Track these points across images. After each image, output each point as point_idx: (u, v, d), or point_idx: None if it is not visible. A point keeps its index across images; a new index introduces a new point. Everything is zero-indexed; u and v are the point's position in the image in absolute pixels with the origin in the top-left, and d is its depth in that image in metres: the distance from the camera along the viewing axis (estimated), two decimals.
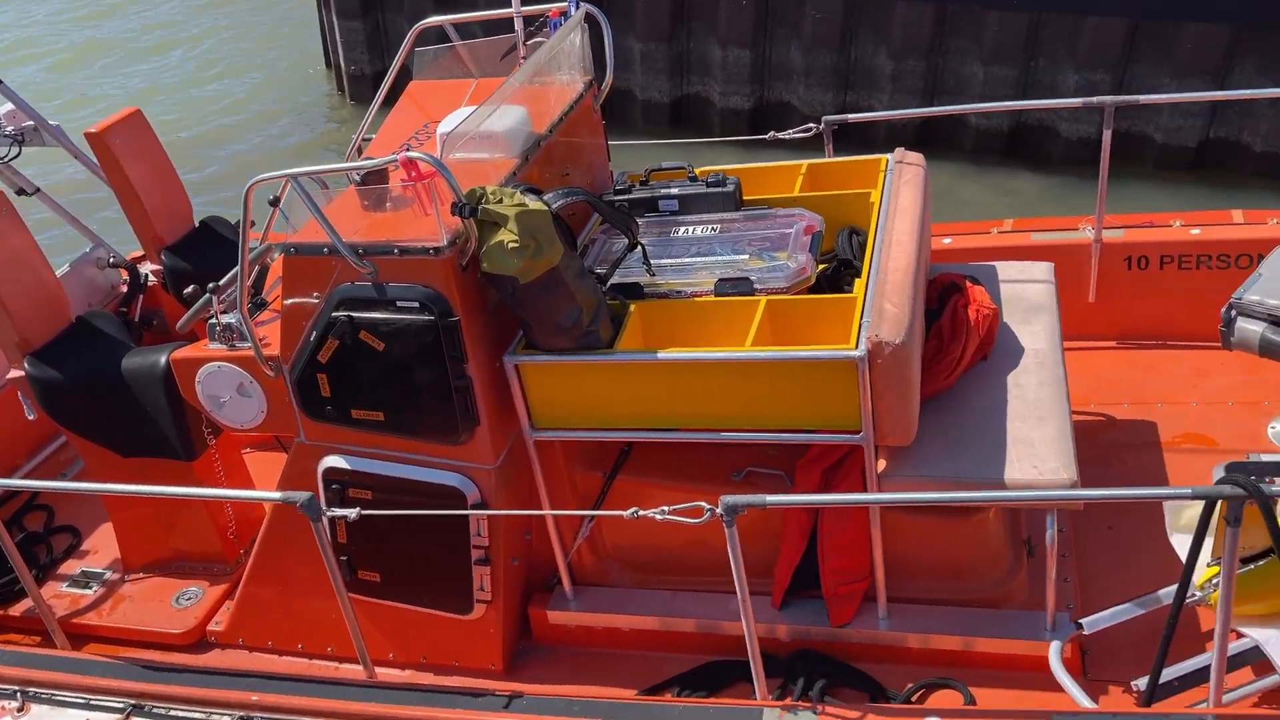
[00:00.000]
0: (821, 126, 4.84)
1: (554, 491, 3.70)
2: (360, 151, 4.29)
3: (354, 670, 3.84)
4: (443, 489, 3.59)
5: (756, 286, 3.51)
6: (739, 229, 3.84)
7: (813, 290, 3.59)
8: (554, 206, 3.25)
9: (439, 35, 4.52)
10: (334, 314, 3.40)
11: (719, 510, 2.78)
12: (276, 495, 3.33)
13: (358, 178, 3.42)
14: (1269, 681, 3.15)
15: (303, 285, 3.47)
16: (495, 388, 3.49)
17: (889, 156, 4.15)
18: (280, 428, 3.85)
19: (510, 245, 3.11)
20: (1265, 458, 4.09)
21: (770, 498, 2.77)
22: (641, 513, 2.90)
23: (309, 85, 12.34)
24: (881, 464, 3.42)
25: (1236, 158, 8.03)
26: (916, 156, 4.13)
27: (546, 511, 3.34)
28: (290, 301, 3.52)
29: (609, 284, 3.62)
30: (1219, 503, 2.56)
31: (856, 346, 3.13)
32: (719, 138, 6.29)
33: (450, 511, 3.29)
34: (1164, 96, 4.64)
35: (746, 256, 3.65)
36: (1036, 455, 3.34)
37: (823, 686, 3.50)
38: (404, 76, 4.49)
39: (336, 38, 11.38)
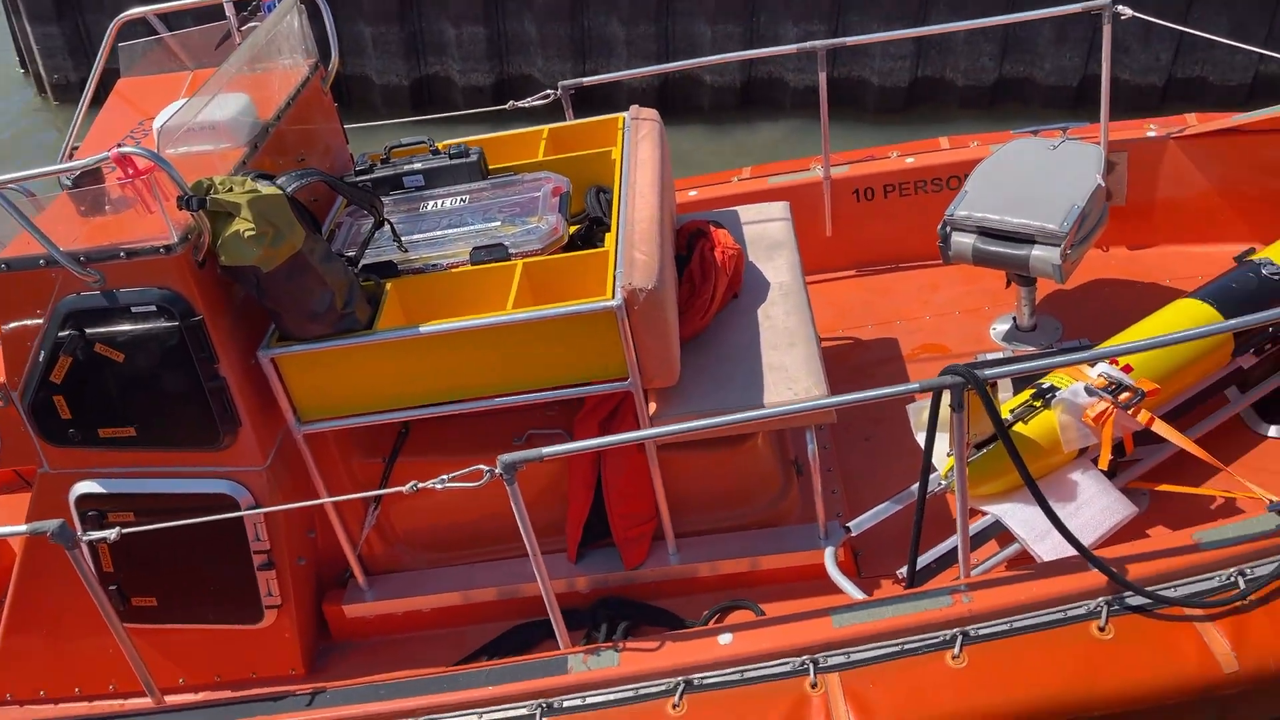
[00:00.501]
0: (559, 92, 4.92)
1: (332, 484, 3.62)
2: (70, 156, 4.00)
3: (142, 704, 3.63)
4: (212, 498, 3.44)
5: (512, 251, 3.55)
6: (488, 197, 3.86)
7: (567, 249, 3.67)
8: (288, 190, 3.16)
9: (147, 29, 4.26)
10: (61, 330, 3.17)
11: (498, 470, 2.82)
12: (21, 528, 3.09)
13: (69, 181, 3.20)
14: (1012, 549, 3.53)
15: (21, 304, 3.22)
16: (254, 386, 3.37)
17: (625, 115, 4.28)
18: (19, 461, 3.57)
19: (247, 234, 3.00)
20: (989, 356, 4.56)
21: (546, 450, 2.83)
22: (420, 485, 2.90)
23: (8, 93, 11.28)
24: (652, 407, 3.56)
25: (942, 93, 8.76)
26: (650, 112, 4.28)
27: (323, 500, 3.27)
28: (10, 325, 3.26)
29: (360, 265, 3.56)
30: (945, 393, 2.83)
31: (613, 296, 3.23)
32: (460, 111, 6.24)
33: (218, 516, 3.16)
34: (869, 37, 5.02)
35: (498, 223, 3.68)
36: (791, 378, 3.57)
37: (625, 628, 3.62)
38: (112, 76, 4.21)
39: (32, 44, 10.45)
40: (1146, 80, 8.36)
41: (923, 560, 3.50)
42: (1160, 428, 3.47)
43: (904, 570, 3.50)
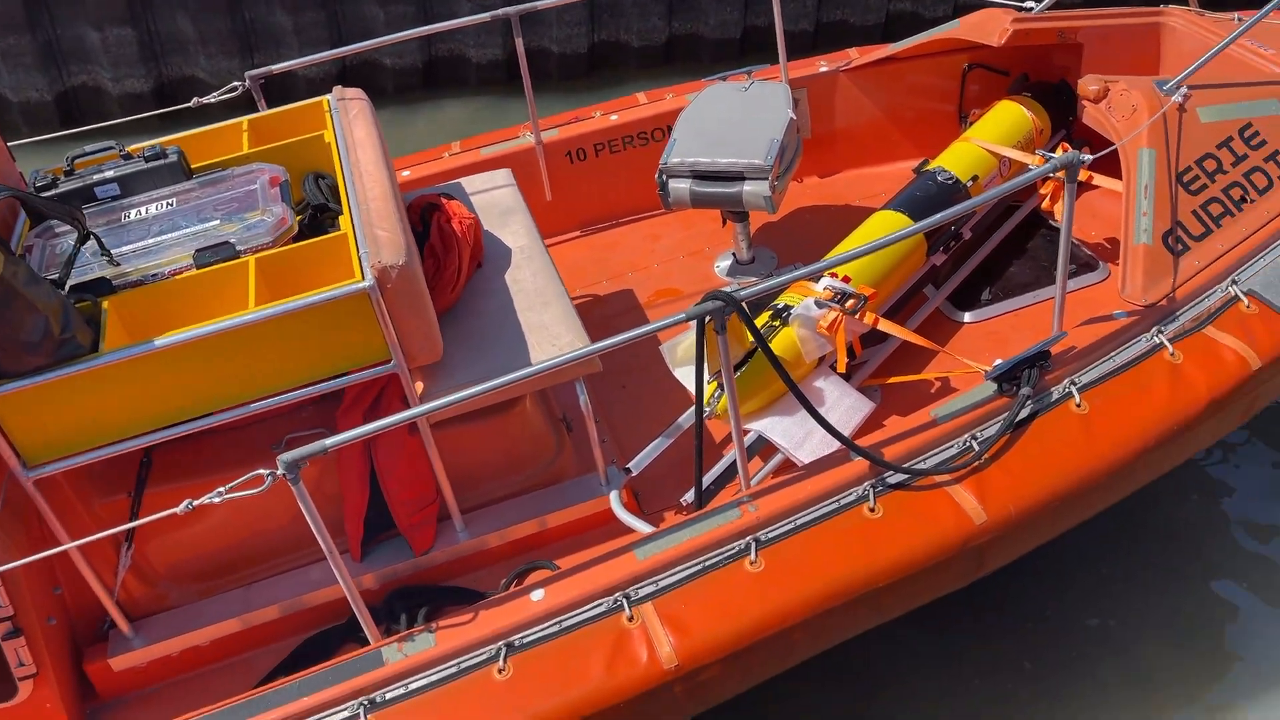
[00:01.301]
0: (248, 84, 4.66)
1: (74, 531, 3.30)
2: None
3: None
4: None
5: (240, 248, 3.36)
6: (198, 197, 3.62)
7: (296, 241, 3.51)
8: None
9: None
10: None
11: (280, 471, 2.69)
12: None
13: None
14: (777, 459, 3.80)
15: None
16: None
17: (329, 97, 4.14)
18: None
19: None
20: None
21: (330, 440, 2.74)
22: (197, 502, 2.71)
23: None
24: (419, 386, 3.51)
25: (620, 56, 9.08)
26: (356, 91, 4.16)
27: (67, 545, 2.96)
28: None
29: (68, 286, 3.24)
30: (707, 320, 3.01)
31: (364, 278, 3.15)
32: (132, 116, 5.73)
33: None
34: (555, 1, 5.12)
35: (217, 222, 3.47)
36: (553, 335, 3.64)
37: (426, 613, 3.57)
38: None
39: None
40: (799, 27, 9.08)
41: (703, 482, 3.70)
42: (885, 325, 3.86)
43: (687, 497, 3.69)
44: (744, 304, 2.96)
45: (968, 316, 4.49)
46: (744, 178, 4.51)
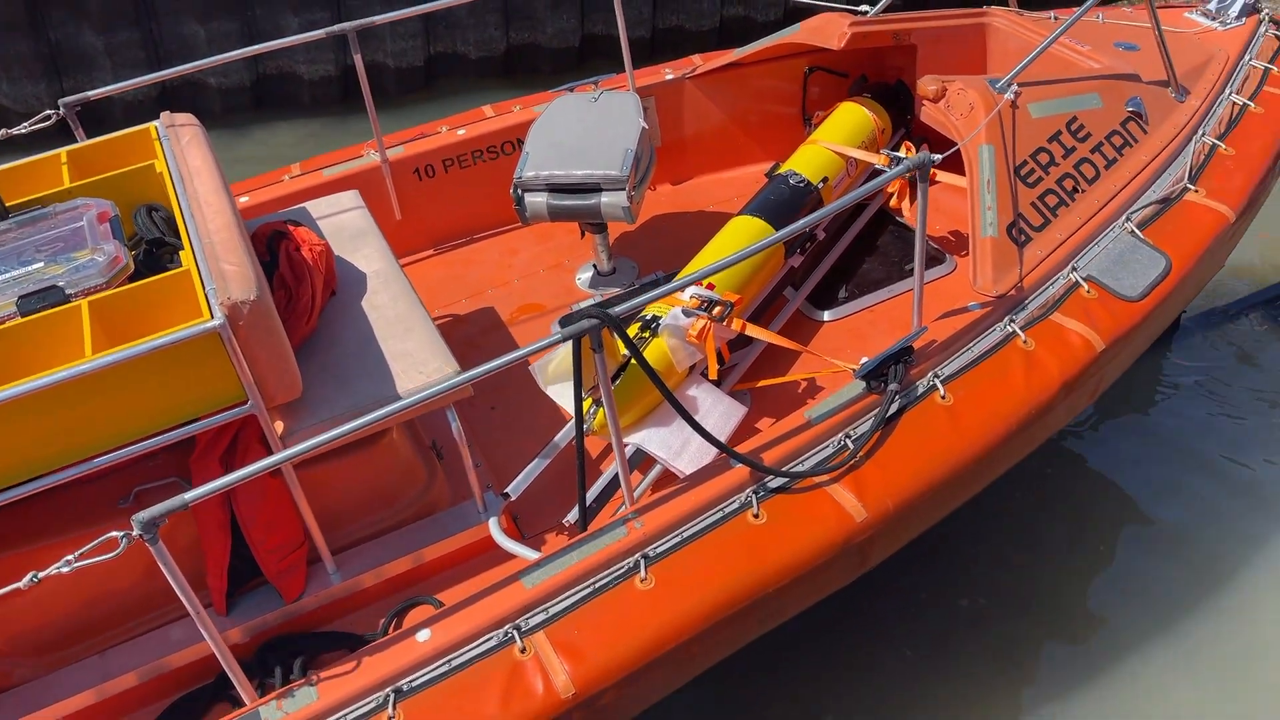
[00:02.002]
0: (63, 111, 4.34)
1: None
2: None
3: None
4: None
5: (70, 292, 3.10)
6: (17, 238, 3.33)
7: (135, 279, 3.28)
8: None
9: None
10: None
11: (136, 532, 2.49)
12: None
13: None
14: (656, 471, 3.78)
15: None
16: None
17: (156, 124, 3.88)
18: None
19: None
20: (584, 304, 4.80)
21: (189, 495, 2.55)
22: (42, 574, 2.47)
23: None
24: (279, 425, 3.33)
25: (458, 68, 8.93)
26: (186, 117, 3.92)
27: None
28: None
29: None
30: (584, 338, 2.95)
31: (213, 316, 2.96)
32: None
33: None
34: (384, 17, 4.92)
35: (40, 264, 3.19)
36: (419, 362, 3.51)
37: (303, 663, 3.39)
38: None
39: None
40: (636, 34, 9.13)
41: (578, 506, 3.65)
42: (753, 330, 3.89)
43: (570, 517, 3.63)
44: (618, 319, 2.92)
45: (827, 315, 4.58)
46: (601, 189, 4.48)
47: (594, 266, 5.02)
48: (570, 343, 3.03)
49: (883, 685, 4.20)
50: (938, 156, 3.35)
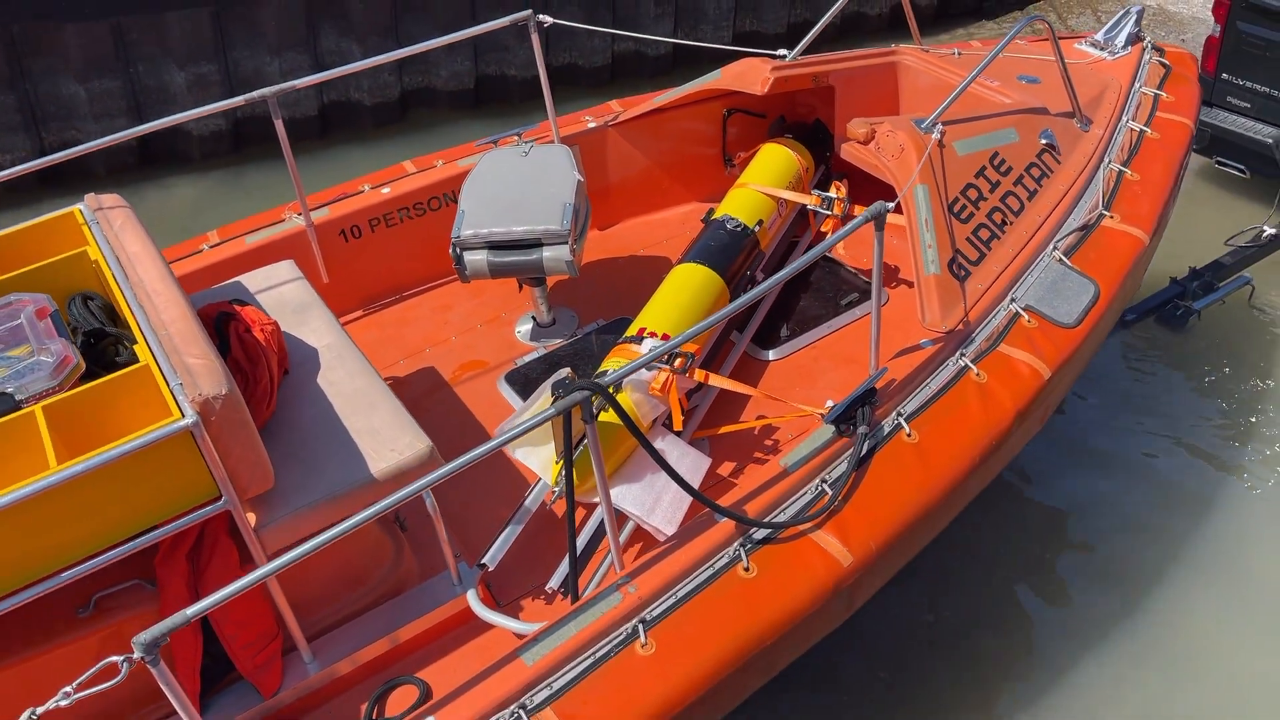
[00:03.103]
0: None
1: None
2: None
3: None
4: None
5: (19, 398, 2.93)
6: None
7: (86, 378, 3.12)
8: None
9: None
10: None
11: (137, 655, 2.37)
12: None
13: None
14: (631, 525, 3.78)
15: None
16: None
17: (81, 207, 3.71)
18: None
19: None
20: (528, 358, 4.77)
21: (191, 610, 2.43)
22: (40, 710, 2.33)
23: None
24: (251, 518, 3.21)
25: (353, 117, 8.78)
26: (114, 198, 3.75)
27: None
28: None
29: None
30: (573, 410, 2.94)
31: (183, 414, 2.84)
32: None
33: None
34: (303, 81, 4.79)
35: None
36: (387, 439, 3.43)
37: None
38: None
39: None
40: (530, 73, 9.14)
41: (559, 570, 3.62)
42: (716, 380, 3.94)
43: (553, 583, 3.60)
44: (609, 389, 2.92)
45: (772, 355, 4.67)
46: (542, 244, 4.47)
47: (533, 318, 4.99)
48: (549, 403, 3.02)
49: (846, 701, 4.29)
50: (890, 205, 3.46)
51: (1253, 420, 5.63)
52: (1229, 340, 6.18)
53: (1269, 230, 6.69)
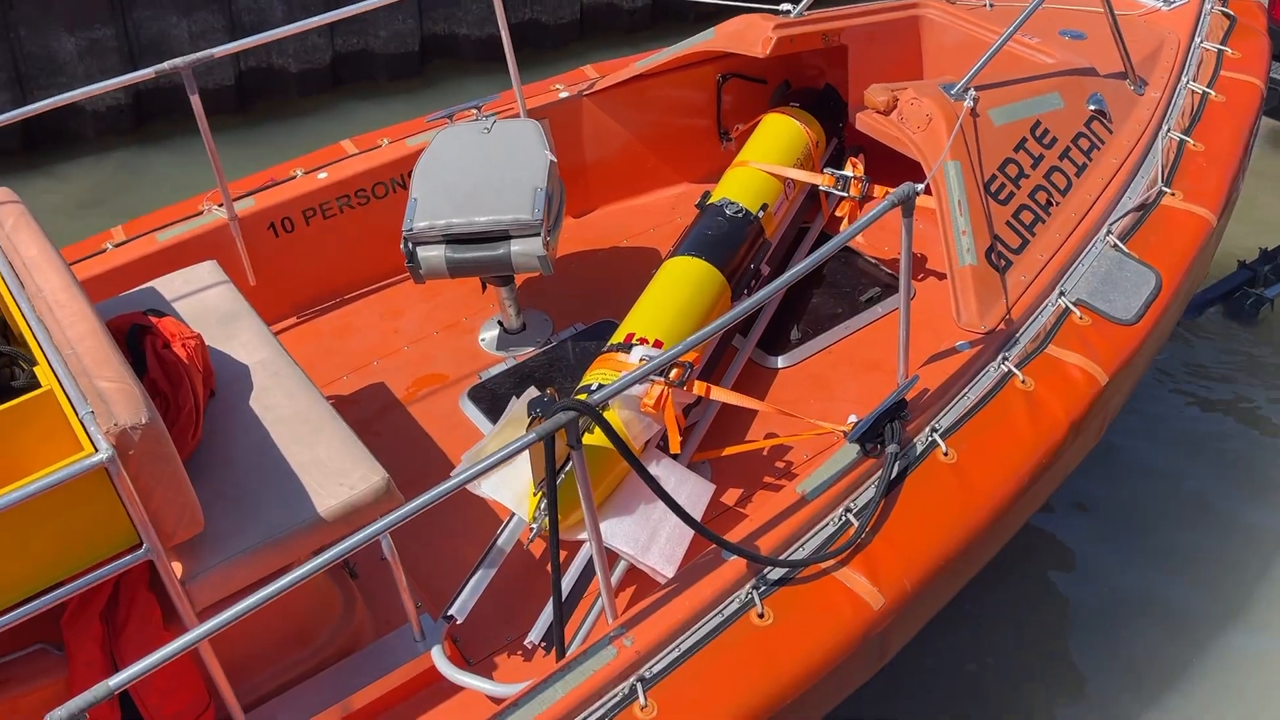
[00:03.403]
0: None
1: None
2: None
3: None
4: None
5: None
6: None
7: None
8: None
9: None
10: None
11: None
12: None
13: None
14: (622, 565, 3.79)
15: None
16: None
17: None
18: None
19: None
20: (495, 371, 4.78)
21: (114, 680, 2.43)
22: None
23: None
24: (177, 568, 3.20)
25: (276, 85, 8.77)
26: (5, 193, 3.74)
27: None
28: None
29: None
30: (555, 434, 2.94)
31: (96, 448, 2.82)
32: None
33: None
34: (226, 48, 4.78)
35: None
36: (335, 471, 3.42)
37: None
38: None
39: None
40: (485, 31, 9.16)
41: (540, 621, 3.63)
42: (719, 394, 3.96)
43: (533, 637, 3.60)
44: (597, 409, 2.93)
45: (781, 361, 4.70)
46: (510, 236, 4.48)
47: (499, 323, 5.00)
48: (523, 425, 3.02)
49: None
50: (920, 187, 3.49)
51: None
52: None
53: None
